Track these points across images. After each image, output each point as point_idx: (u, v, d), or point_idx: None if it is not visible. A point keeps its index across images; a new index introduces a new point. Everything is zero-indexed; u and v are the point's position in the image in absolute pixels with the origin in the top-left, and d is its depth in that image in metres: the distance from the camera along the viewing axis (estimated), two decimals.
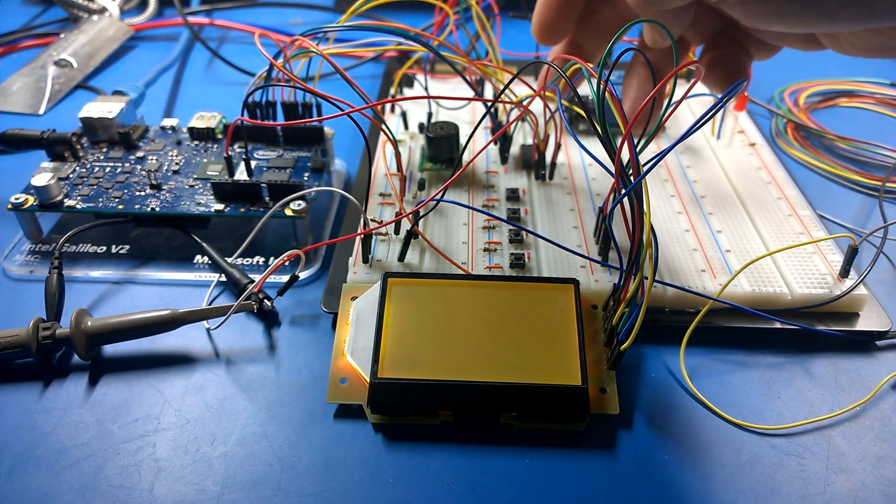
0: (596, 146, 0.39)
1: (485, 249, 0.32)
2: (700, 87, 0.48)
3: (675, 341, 0.29)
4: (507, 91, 0.32)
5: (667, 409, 0.27)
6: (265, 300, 0.30)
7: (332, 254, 0.34)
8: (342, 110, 0.28)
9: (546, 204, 0.35)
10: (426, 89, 0.43)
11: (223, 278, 0.32)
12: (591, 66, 0.25)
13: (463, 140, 0.39)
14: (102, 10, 0.60)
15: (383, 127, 0.30)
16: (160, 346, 0.29)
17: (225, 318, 0.29)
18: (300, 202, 0.33)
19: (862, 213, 0.38)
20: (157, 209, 0.34)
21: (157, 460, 0.25)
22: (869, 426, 0.26)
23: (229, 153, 0.35)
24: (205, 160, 0.37)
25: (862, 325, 0.30)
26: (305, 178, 0.35)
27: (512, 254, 0.32)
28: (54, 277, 0.30)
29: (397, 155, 0.31)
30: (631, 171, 0.24)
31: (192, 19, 0.58)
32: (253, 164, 0.36)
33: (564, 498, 0.24)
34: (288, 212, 0.33)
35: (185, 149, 0.38)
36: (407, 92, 0.46)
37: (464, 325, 0.27)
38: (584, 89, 0.45)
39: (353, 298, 0.29)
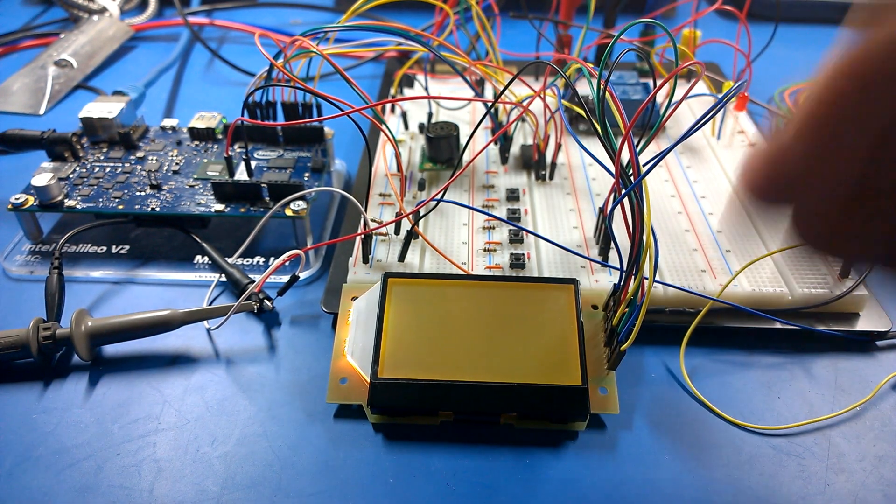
0: (596, 146, 0.39)
1: (485, 249, 0.32)
2: (700, 88, 0.48)
3: (675, 341, 0.29)
4: (507, 91, 0.32)
5: (667, 409, 0.27)
6: (265, 300, 0.30)
7: (332, 254, 0.34)
8: (342, 110, 0.28)
9: (546, 204, 0.35)
10: (426, 89, 0.43)
11: (223, 278, 0.32)
12: (590, 65, 0.25)
13: (463, 140, 0.39)
14: (102, 10, 0.59)
15: (383, 127, 0.30)
16: (160, 346, 0.29)
17: (225, 318, 0.29)
18: (300, 202, 0.33)
19: None
20: (158, 209, 0.34)
21: (157, 460, 0.25)
22: (869, 426, 0.26)
23: (229, 153, 0.35)
24: (205, 160, 0.37)
25: (862, 325, 0.30)
26: (305, 179, 0.35)
27: (512, 254, 0.32)
28: (54, 277, 0.30)
29: (397, 155, 0.31)
30: (631, 171, 0.24)
31: (192, 19, 0.58)
32: (253, 164, 0.36)
33: (564, 498, 0.24)
34: (288, 212, 0.33)
35: (185, 149, 0.38)
36: (407, 92, 0.46)
37: (464, 326, 0.27)
38: (585, 89, 0.45)
39: (353, 298, 0.29)
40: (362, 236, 0.30)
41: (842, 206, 0.18)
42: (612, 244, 0.29)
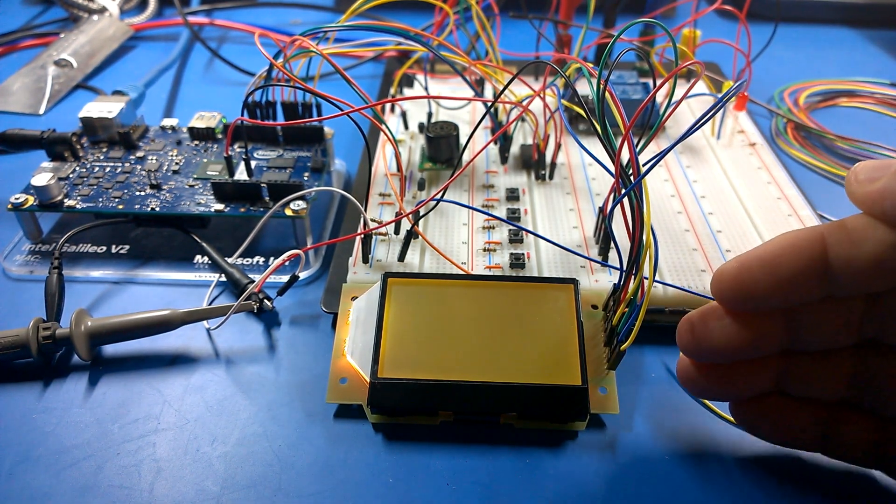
0: (596, 146, 0.39)
1: (484, 249, 0.32)
2: (700, 87, 0.48)
3: (674, 341, 0.29)
4: (506, 91, 0.32)
5: (667, 409, 0.27)
6: (265, 300, 0.30)
7: (332, 254, 0.34)
8: (342, 110, 0.28)
9: (546, 204, 0.35)
10: (426, 89, 0.43)
11: (223, 278, 0.32)
12: (590, 65, 0.25)
13: (463, 140, 0.39)
14: (102, 10, 0.60)
15: (383, 127, 0.30)
16: (160, 346, 0.29)
17: (225, 318, 0.29)
18: (300, 202, 0.33)
19: None
20: (157, 209, 0.34)
21: (157, 460, 0.25)
22: None
23: (229, 153, 0.35)
24: (205, 160, 0.37)
25: None
26: (305, 178, 0.35)
27: (511, 254, 0.32)
28: (54, 277, 0.30)
29: (397, 155, 0.31)
30: (631, 171, 0.24)
31: (192, 19, 0.58)
32: (253, 164, 0.36)
33: (564, 498, 0.24)
34: (288, 212, 0.33)
35: (185, 149, 0.38)
36: (407, 92, 0.46)
37: (464, 325, 0.27)
38: (585, 89, 0.45)
39: (353, 298, 0.29)
40: (362, 236, 0.30)
41: (767, 399, 0.23)
42: (612, 244, 0.29)
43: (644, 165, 0.23)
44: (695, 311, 0.22)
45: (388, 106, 0.43)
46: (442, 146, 0.37)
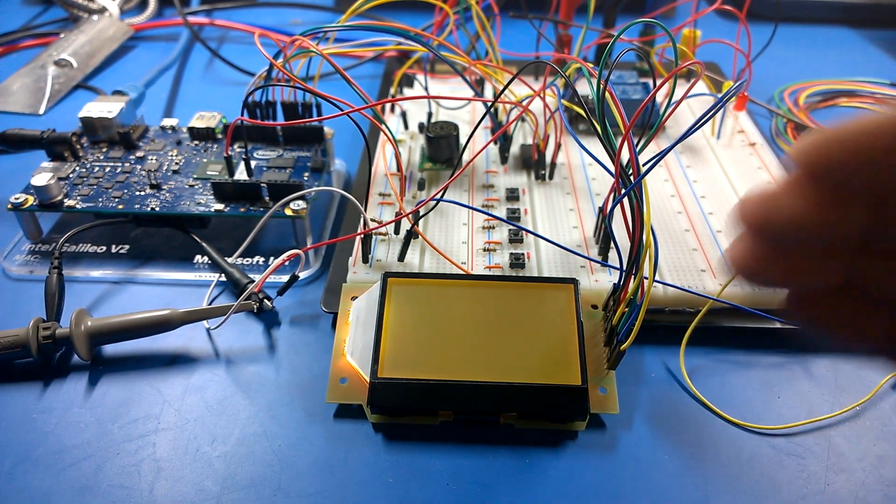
0: (596, 146, 0.39)
1: (484, 249, 0.32)
2: (700, 87, 0.48)
3: (675, 341, 0.29)
4: (506, 91, 0.32)
5: (667, 409, 0.27)
6: (265, 300, 0.30)
7: (332, 254, 0.34)
8: (342, 110, 0.28)
9: (546, 204, 0.35)
10: (426, 89, 0.43)
11: (223, 278, 0.32)
12: (590, 65, 0.25)
13: (463, 140, 0.39)
14: (102, 10, 0.59)
15: (383, 127, 0.30)
16: (160, 346, 0.29)
17: (225, 318, 0.29)
18: (300, 202, 0.33)
19: None
20: (157, 209, 0.34)
21: (157, 460, 0.25)
22: (869, 426, 0.26)
23: (229, 153, 0.35)
24: (205, 160, 0.37)
25: None
26: (305, 178, 0.35)
27: (511, 254, 0.32)
28: (54, 277, 0.30)
29: (397, 155, 0.31)
30: (631, 171, 0.24)
31: (192, 19, 0.58)
32: (253, 164, 0.36)
33: (564, 498, 0.24)
34: (288, 212, 0.33)
35: (185, 149, 0.38)
36: (407, 92, 0.46)
37: (464, 325, 0.27)
38: (585, 89, 0.45)
39: (353, 298, 0.29)
40: (362, 236, 0.30)
41: (835, 295, 0.18)
42: (612, 244, 0.29)
43: (644, 165, 0.23)
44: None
45: (388, 106, 0.43)
46: (442, 146, 0.37)
